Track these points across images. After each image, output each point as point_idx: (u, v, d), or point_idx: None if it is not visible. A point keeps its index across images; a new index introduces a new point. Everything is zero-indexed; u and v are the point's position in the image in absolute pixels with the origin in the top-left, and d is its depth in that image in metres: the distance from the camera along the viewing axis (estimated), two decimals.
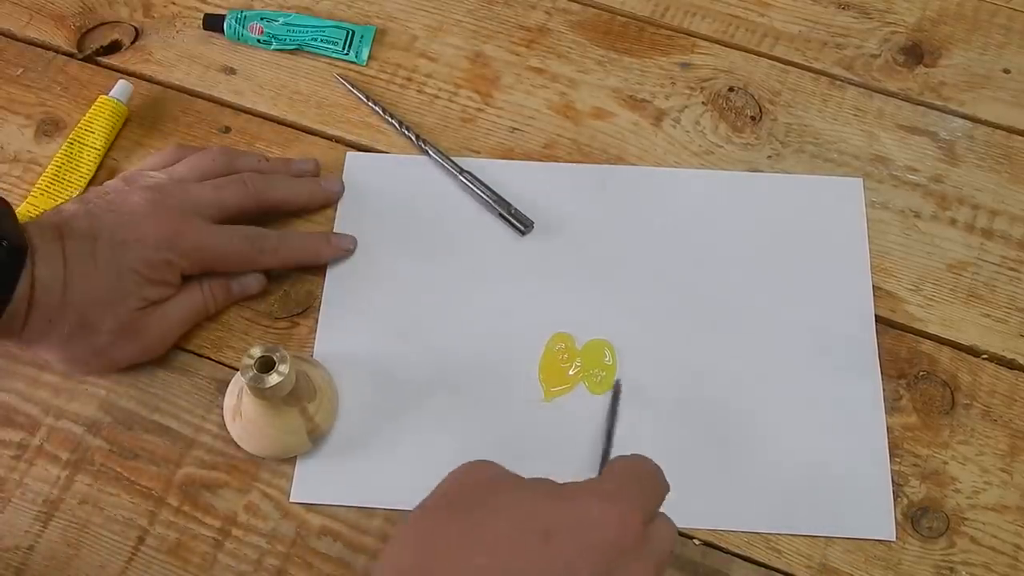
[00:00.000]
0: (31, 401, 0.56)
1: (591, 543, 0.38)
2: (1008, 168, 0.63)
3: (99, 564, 0.52)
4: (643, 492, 0.41)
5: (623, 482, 0.41)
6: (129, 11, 0.70)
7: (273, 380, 0.48)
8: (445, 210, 0.62)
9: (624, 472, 0.42)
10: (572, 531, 0.38)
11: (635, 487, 0.41)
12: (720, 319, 0.58)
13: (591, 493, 0.40)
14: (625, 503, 0.40)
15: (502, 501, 0.39)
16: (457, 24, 0.69)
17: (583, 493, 0.40)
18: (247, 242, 0.57)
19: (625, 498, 0.40)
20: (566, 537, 0.38)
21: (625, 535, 0.38)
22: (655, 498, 0.42)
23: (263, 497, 0.54)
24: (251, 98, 0.66)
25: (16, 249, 0.49)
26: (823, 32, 0.69)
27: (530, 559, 0.37)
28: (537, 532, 0.38)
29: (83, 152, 0.63)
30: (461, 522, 0.38)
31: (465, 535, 0.38)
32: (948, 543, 0.52)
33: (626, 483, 0.41)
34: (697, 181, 0.63)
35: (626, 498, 0.40)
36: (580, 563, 0.37)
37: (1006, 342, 0.58)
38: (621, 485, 0.41)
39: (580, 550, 0.37)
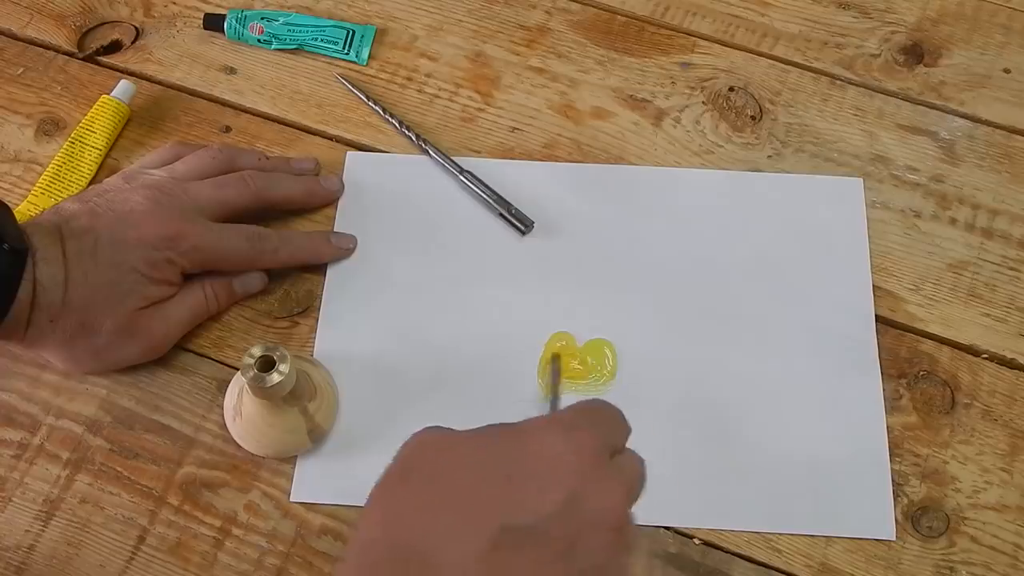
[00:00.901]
0: (32, 401, 0.56)
1: (552, 476, 0.37)
2: (1008, 168, 0.63)
3: (99, 563, 0.52)
4: (600, 423, 0.41)
5: (578, 414, 0.41)
6: (129, 11, 0.70)
7: (273, 379, 0.48)
8: (445, 210, 0.62)
9: (580, 407, 0.42)
10: (532, 469, 0.38)
11: (592, 419, 0.41)
12: (720, 318, 0.58)
13: (549, 428, 0.40)
14: (581, 432, 0.39)
15: (459, 457, 0.39)
16: (457, 24, 0.69)
17: (541, 429, 0.40)
18: (248, 241, 0.57)
19: (581, 428, 0.40)
20: (528, 476, 0.37)
21: (585, 463, 0.38)
22: (615, 431, 0.41)
23: (263, 496, 0.54)
24: (251, 98, 0.66)
25: (17, 251, 0.49)
26: (823, 32, 0.69)
27: (494, 503, 0.37)
28: (501, 477, 0.37)
29: (84, 152, 0.63)
30: (422, 487, 0.38)
31: (429, 498, 0.37)
32: (948, 543, 0.52)
33: (581, 416, 0.41)
34: (697, 181, 0.63)
35: (582, 428, 0.40)
36: (545, 498, 0.37)
37: (1006, 341, 0.58)
38: (575, 417, 0.41)
39: (543, 484, 0.37)
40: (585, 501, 0.37)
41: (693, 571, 0.52)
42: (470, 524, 0.36)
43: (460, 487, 0.37)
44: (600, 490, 0.38)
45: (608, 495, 0.38)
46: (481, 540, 0.35)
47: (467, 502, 0.37)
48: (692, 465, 0.54)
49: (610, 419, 0.42)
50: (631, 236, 0.61)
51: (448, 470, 0.38)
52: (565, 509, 0.37)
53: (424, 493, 0.38)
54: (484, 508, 0.37)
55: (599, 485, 0.38)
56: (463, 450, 0.39)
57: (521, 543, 0.36)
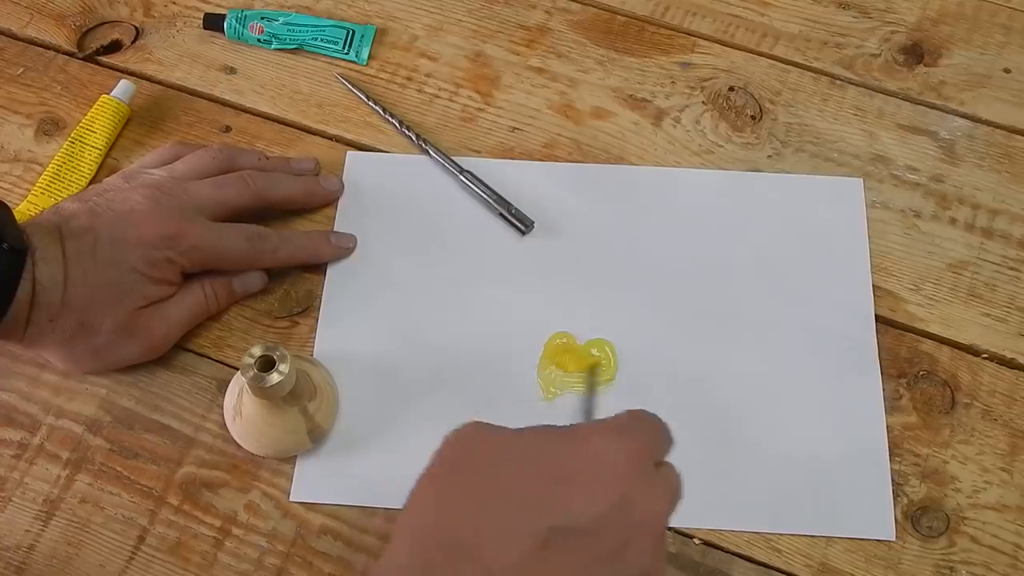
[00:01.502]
0: (31, 400, 0.56)
1: (604, 479, 0.38)
2: (1008, 168, 0.63)
3: (99, 563, 0.52)
4: (648, 432, 0.42)
5: (628, 422, 0.41)
6: (129, 10, 0.70)
7: (273, 379, 0.48)
8: (445, 210, 0.62)
9: (628, 415, 0.42)
10: (585, 472, 0.38)
11: (640, 428, 0.41)
12: (720, 318, 0.58)
13: (599, 432, 0.40)
14: (632, 439, 0.40)
15: (511, 453, 0.39)
16: (457, 24, 0.69)
17: (591, 433, 0.40)
18: (247, 241, 0.57)
19: (632, 435, 0.40)
20: (578, 478, 0.38)
21: (635, 469, 0.39)
22: (661, 442, 0.42)
23: (263, 496, 0.54)
24: (251, 97, 0.66)
25: (17, 251, 0.49)
26: (823, 32, 0.69)
27: (545, 503, 0.37)
28: (552, 477, 0.38)
29: (84, 151, 0.63)
30: (474, 479, 0.38)
31: (481, 491, 0.38)
32: (948, 542, 0.52)
33: (631, 423, 0.41)
34: (697, 181, 0.63)
35: (633, 435, 0.40)
36: (595, 501, 0.37)
37: (1006, 341, 0.58)
38: (627, 424, 0.41)
39: (593, 488, 0.38)
40: (634, 506, 0.38)
41: (693, 571, 0.52)
42: (521, 521, 0.37)
43: (512, 483, 0.38)
44: (648, 496, 0.38)
45: (655, 502, 0.39)
46: (531, 538, 0.36)
47: (518, 499, 0.37)
48: (692, 465, 0.53)
49: (657, 430, 0.42)
50: (631, 236, 0.61)
51: (500, 465, 0.39)
52: (614, 513, 0.37)
53: (476, 486, 0.38)
54: (535, 506, 0.37)
55: (647, 492, 0.39)
56: (515, 447, 0.39)
57: (570, 544, 0.36)
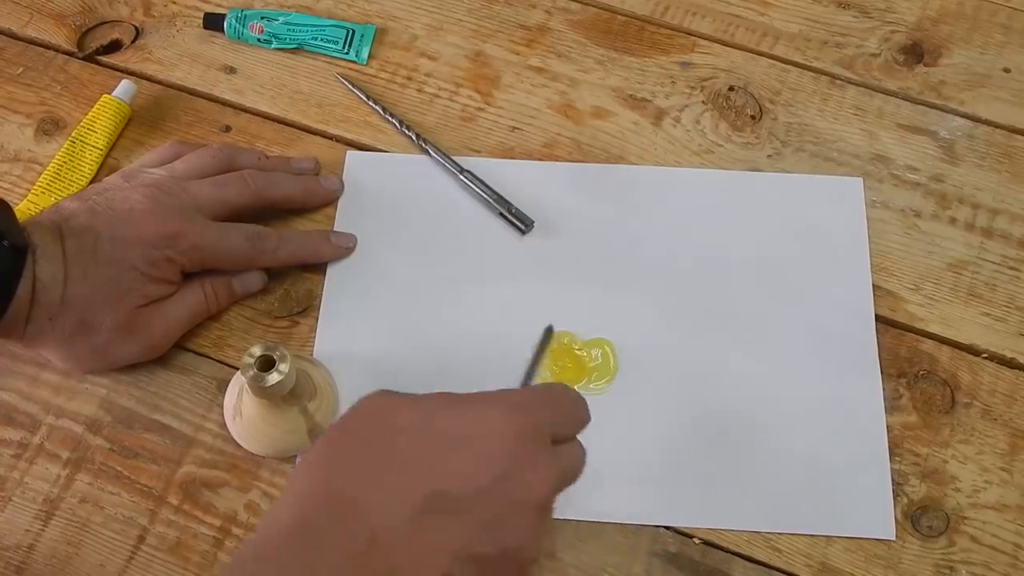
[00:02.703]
0: (31, 400, 0.56)
1: (491, 452, 0.39)
2: (1008, 167, 0.63)
3: (99, 563, 0.52)
4: (551, 408, 0.42)
5: (531, 396, 0.42)
6: (129, 10, 0.70)
7: (273, 379, 0.48)
8: (445, 209, 0.62)
9: (536, 389, 0.42)
10: (473, 442, 0.39)
11: (543, 404, 0.41)
12: (720, 318, 0.58)
13: (495, 403, 0.41)
14: (527, 414, 0.40)
15: (401, 421, 0.40)
16: (457, 23, 0.69)
17: (488, 404, 0.40)
18: (247, 240, 0.57)
19: (528, 410, 0.40)
20: (467, 448, 0.39)
21: (522, 447, 0.39)
22: (566, 420, 0.42)
23: (263, 496, 0.54)
24: (251, 97, 0.66)
25: (17, 249, 0.49)
26: (823, 31, 0.69)
27: (431, 469, 0.38)
28: (436, 446, 0.39)
29: (85, 151, 0.63)
30: (363, 445, 0.39)
31: (367, 456, 0.39)
32: (948, 542, 0.52)
33: (534, 398, 0.41)
34: (697, 180, 0.63)
35: (529, 410, 0.40)
36: (476, 471, 0.38)
37: (1006, 341, 0.58)
38: (527, 398, 0.41)
39: (478, 457, 0.38)
40: (514, 481, 0.38)
41: (693, 571, 0.52)
42: (404, 485, 0.38)
43: (401, 448, 0.39)
44: (531, 474, 0.39)
45: (538, 481, 0.39)
46: (412, 501, 0.37)
47: (403, 464, 0.38)
48: (692, 465, 0.54)
49: (565, 406, 0.42)
50: (631, 236, 0.61)
51: (389, 432, 0.39)
52: (494, 485, 0.38)
53: (363, 451, 0.39)
54: (418, 472, 0.38)
55: (531, 469, 0.39)
56: (406, 414, 0.40)
57: (448, 510, 0.38)
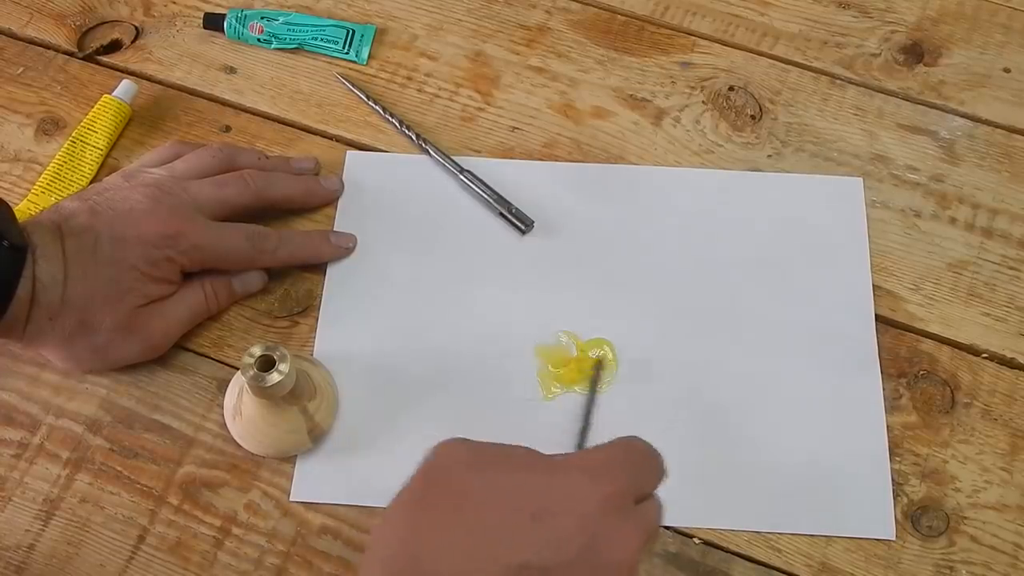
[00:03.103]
0: (31, 400, 0.56)
1: (578, 520, 0.38)
2: (1008, 167, 0.63)
3: (99, 563, 0.52)
4: (634, 469, 0.41)
5: (612, 458, 0.41)
6: (129, 10, 0.70)
7: (273, 379, 0.48)
8: (445, 209, 0.62)
9: (616, 448, 0.41)
10: (558, 509, 0.38)
11: (625, 463, 0.41)
12: (720, 318, 0.58)
13: (578, 468, 0.40)
14: (612, 477, 0.39)
15: (485, 483, 0.39)
16: (457, 23, 0.69)
17: (571, 468, 0.40)
18: (247, 240, 0.57)
19: (612, 473, 0.40)
20: (552, 516, 0.38)
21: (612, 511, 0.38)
22: (646, 478, 0.41)
23: (263, 496, 0.54)
24: (251, 97, 0.66)
25: (17, 248, 0.49)
26: (823, 31, 0.69)
27: (517, 540, 0.37)
28: (522, 514, 0.38)
29: (85, 151, 0.63)
30: (447, 508, 0.38)
31: (451, 522, 0.38)
32: (948, 542, 0.52)
33: (616, 458, 0.41)
34: (697, 180, 0.63)
35: (613, 473, 0.40)
36: (568, 541, 0.37)
37: (1006, 341, 0.58)
38: (610, 459, 0.41)
39: (567, 528, 0.37)
40: (603, 548, 0.38)
41: (693, 571, 0.52)
42: (490, 556, 0.37)
43: (484, 516, 0.38)
44: (619, 538, 0.38)
45: (625, 545, 0.38)
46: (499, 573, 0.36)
47: (489, 533, 0.37)
48: (692, 465, 0.54)
49: (645, 464, 0.42)
50: (631, 236, 0.61)
51: (473, 495, 0.38)
52: (581, 554, 0.37)
53: (447, 516, 0.38)
54: (504, 541, 0.37)
55: (619, 533, 0.38)
56: (490, 474, 0.39)
57: None
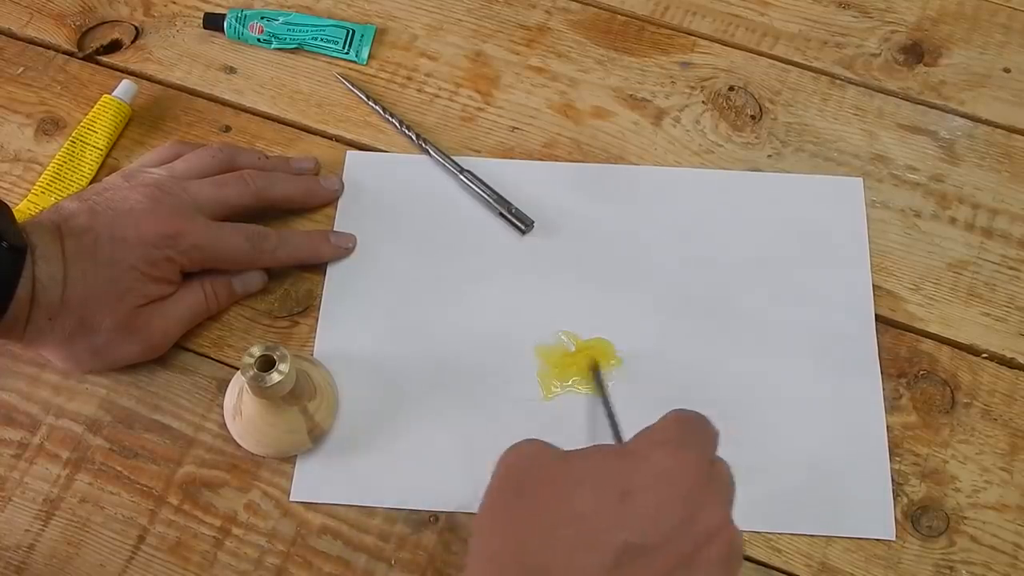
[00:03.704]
0: (31, 400, 0.56)
1: (669, 493, 0.38)
2: (1008, 167, 0.63)
3: (99, 563, 0.52)
4: (699, 435, 0.42)
5: (678, 429, 0.42)
6: (129, 10, 0.70)
7: (273, 379, 0.48)
8: (445, 209, 0.62)
9: (675, 421, 0.42)
10: (648, 486, 0.38)
11: (690, 432, 0.42)
12: (720, 318, 0.58)
13: (656, 445, 0.41)
14: (689, 448, 0.40)
15: (573, 473, 0.39)
16: (457, 23, 0.69)
17: (648, 446, 0.40)
18: (247, 240, 0.57)
19: (688, 444, 0.41)
20: (644, 493, 0.38)
21: (696, 479, 0.39)
22: (709, 440, 0.42)
23: (263, 496, 0.54)
24: (251, 97, 0.66)
25: (16, 249, 0.49)
26: (823, 31, 0.69)
27: (615, 521, 0.37)
28: (615, 494, 0.38)
29: (85, 151, 0.63)
30: (542, 501, 0.39)
31: (549, 513, 0.38)
32: (948, 542, 0.52)
33: (681, 429, 0.42)
34: (697, 180, 0.63)
35: (689, 444, 0.41)
36: (663, 515, 0.38)
37: (1006, 341, 0.58)
38: (680, 432, 0.42)
39: (660, 502, 0.38)
40: (699, 517, 0.38)
41: None
42: (592, 541, 0.37)
43: (580, 503, 0.38)
44: (710, 505, 0.39)
45: (718, 509, 0.39)
46: (605, 557, 0.36)
47: (587, 519, 0.37)
48: None
49: (704, 430, 0.43)
50: (631, 236, 0.61)
51: (566, 485, 0.39)
52: (681, 525, 0.38)
53: (544, 508, 0.38)
54: (604, 525, 0.37)
55: (710, 500, 0.39)
56: (576, 467, 0.40)
57: (644, 558, 0.37)
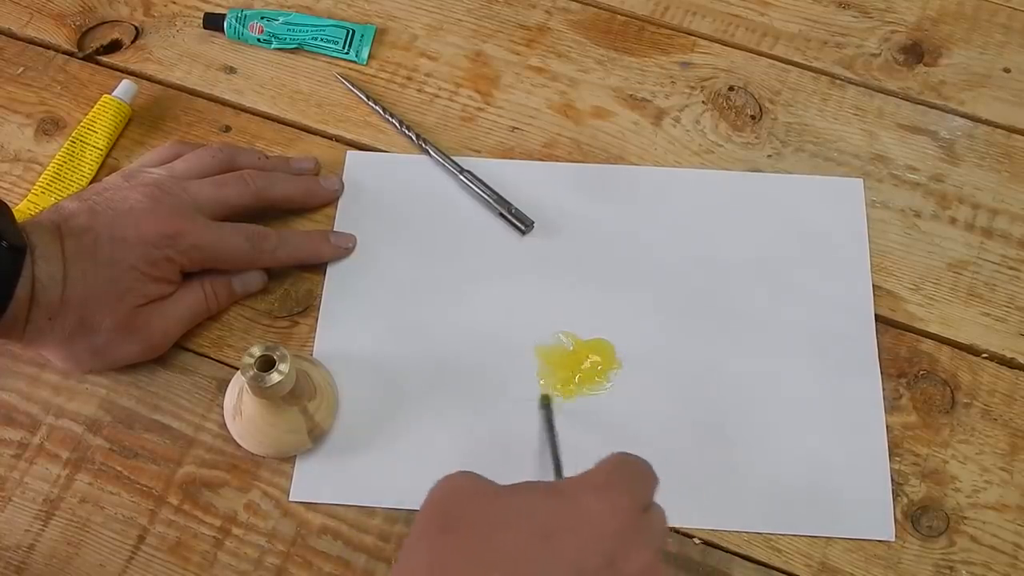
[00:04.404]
0: (31, 400, 0.56)
1: (592, 536, 0.38)
2: (1008, 167, 0.63)
3: (99, 563, 0.52)
4: (634, 482, 0.42)
5: (613, 473, 0.42)
6: (129, 10, 0.70)
7: (273, 379, 0.48)
8: (445, 209, 0.62)
9: (613, 465, 0.42)
10: (572, 528, 0.38)
11: (625, 477, 0.42)
12: (720, 318, 0.58)
13: (584, 488, 0.41)
14: (617, 493, 0.40)
15: (501, 510, 0.39)
16: (457, 23, 0.69)
17: (579, 488, 0.40)
18: (247, 240, 0.57)
19: (620, 488, 0.41)
20: (567, 535, 0.38)
21: (623, 524, 0.39)
22: (645, 486, 0.42)
23: (263, 496, 0.54)
24: (251, 97, 0.66)
25: (16, 248, 0.49)
26: (823, 31, 0.69)
27: (537, 563, 0.37)
28: (538, 535, 0.38)
29: (85, 151, 0.63)
30: (467, 540, 0.39)
31: (474, 552, 0.38)
32: (948, 542, 0.52)
33: (616, 474, 0.42)
34: (697, 181, 0.63)
35: (621, 488, 0.41)
36: (585, 558, 0.37)
37: (1006, 341, 0.58)
38: (611, 476, 0.41)
39: (582, 545, 0.38)
40: (622, 560, 0.38)
41: (693, 571, 0.52)
42: None
43: (503, 543, 0.38)
44: (636, 551, 0.39)
45: (643, 555, 0.39)
46: None
47: (510, 560, 0.37)
48: (692, 465, 0.54)
49: (641, 475, 0.43)
50: (631, 236, 0.61)
51: (491, 523, 0.39)
52: (604, 567, 0.38)
53: (469, 547, 0.38)
54: (526, 567, 0.37)
55: (635, 546, 0.39)
56: (503, 504, 0.40)
57: None
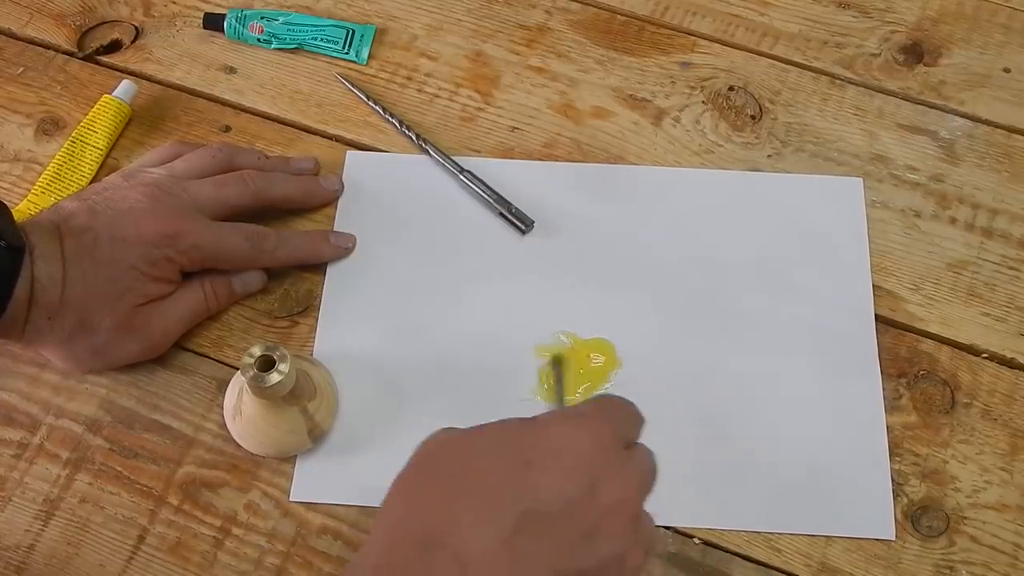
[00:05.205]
0: (31, 400, 0.56)
1: (572, 464, 0.38)
2: (1008, 167, 0.63)
3: (99, 563, 0.52)
4: (615, 415, 0.42)
5: (597, 407, 0.42)
6: (129, 10, 0.70)
7: (273, 379, 0.49)
8: (445, 209, 0.62)
9: (597, 401, 0.43)
10: (550, 455, 0.38)
11: (607, 410, 0.42)
12: (720, 318, 0.58)
13: (563, 417, 0.41)
14: (599, 422, 0.40)
15: (477, 447, 0.40)
16: (457, 23, 0.69)
17: (554, 421, 0.41)
18: (247, 240, 0.57)
19: (595, 420, 0.41)
20: (546, 462, 0.38)
21: (601, 452, 0.39)
22: (629, 423, 0.43)
23: (263, 496, 0.54)
24: (251, 97, 0.66)
25: (15, 248, 0.49)
26: (823, 31, 0.69)
27: (516, 490, 0.37)
28: (517, 463, 0.38)
29: (85, 151, 0.63)
30: (443, 478, 0.39)
31: (450, 487, 0.38)
32: (948, 542, 0.52)
33: (597, 407, 0.42)
34: (697, 180, 0.63)
35: (596, 420, 0.41)
36: (563, 484, 0.37)
37: (1006, 341, 0.58)
38: (595, 409, 0.42)
39: (561, 471, 0.38)
40: (603, 489, 0.38)
41: (693, 571, 0.52)
42: (492, 509, 0.37)
43: (480, 472, 0.38)
44: (617, 479, 0.39)
45: (624, 485, 0.39)
46: (504, 525, 0.36)
47: (488, 488, 0.37)
48: (692, 465, 0.54)
49: (624, 412, 0.43)
50: (631, 236, 0.61)
51: (468, 460, 0.39)
52: (583, 496, 0.37)
53: (445, 483, 0.38)
54: (505, 493, 0.37)
55: (616, 475, 0.39)
56: (481, 440, 0.40)
57: (543, 527, 0.36)
